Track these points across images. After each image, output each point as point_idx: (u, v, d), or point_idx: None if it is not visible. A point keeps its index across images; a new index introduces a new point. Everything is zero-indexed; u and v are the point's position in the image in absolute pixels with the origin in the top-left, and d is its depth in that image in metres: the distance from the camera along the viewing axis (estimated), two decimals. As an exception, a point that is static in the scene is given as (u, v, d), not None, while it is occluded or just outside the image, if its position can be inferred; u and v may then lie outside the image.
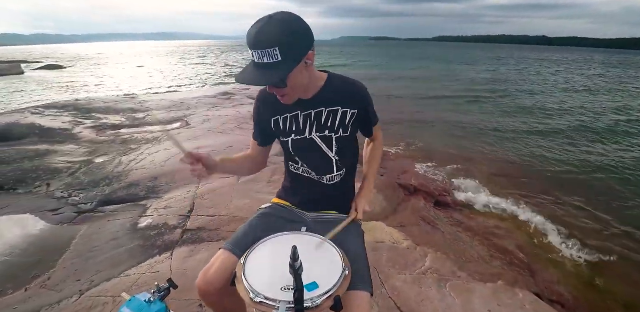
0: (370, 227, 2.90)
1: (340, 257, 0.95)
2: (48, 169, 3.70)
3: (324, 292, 0.83)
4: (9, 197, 3.27)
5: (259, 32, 0.85)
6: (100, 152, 4.18)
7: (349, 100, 1.10)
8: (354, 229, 1.19)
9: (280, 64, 0.87)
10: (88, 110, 5.85)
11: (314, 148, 1.14)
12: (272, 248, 0.99)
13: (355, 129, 1.16)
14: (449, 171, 5.05)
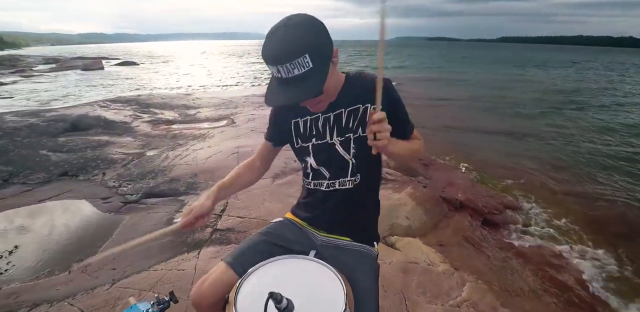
0: (404, 243, 2.70)
1: (344, 293, 0.82)
2: (106, 159, 4.04)
3: None
4: (72, 183, 3.62)
5: (282, 43, 0.76)
6: (151, 145, 4.48)
7: (367, 95, 0.94)
8: (367, 261, 1.06)
9: (313, 71, 0.77)
10: (147, 105, 6.35)
11: (332, 153, 1.02)
12: (272, 273, 0.90)
13: None
14: (503, 186, 4.56)
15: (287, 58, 0.75)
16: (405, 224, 3.03)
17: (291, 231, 1.12)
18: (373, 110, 0.79)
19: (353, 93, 0.96)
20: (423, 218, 3.23)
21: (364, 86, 0.96)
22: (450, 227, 3.25)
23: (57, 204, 3.22)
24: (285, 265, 0.92)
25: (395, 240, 2.79)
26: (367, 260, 1.06)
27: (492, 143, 6.69)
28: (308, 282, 0.87)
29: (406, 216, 3.14)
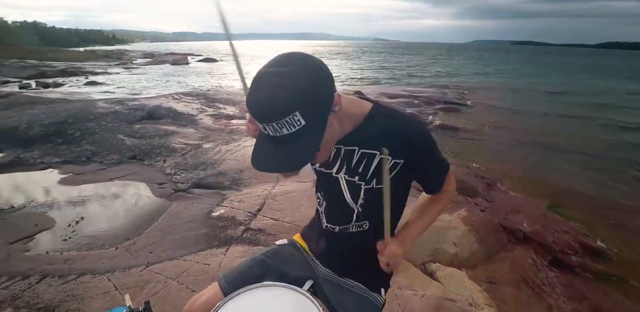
0: (446, 274, 2.38)
1: None
2: (168, 147, 4.38)
3: None
4: (137, 166, 3.98)
5: (268, 99, 0.60)
6: (209, 138, 4.75)
7: (392, 144, 0.75)
8: (367, 309, 0.92)
9: (305, 129, 0.62)
10: (213, 100, 6.80)
11: (336, 190, 0.88)
12: (253, 301, 0.83)
13: (399, 183, 0.83)
14: (585, 221, 3.83)
15: (273, 117, 0.60)
16: (451, 251, 2.69)
17: (293, 256, 1.03)
18: (382, 244, 0.82)
19: (374, 134, 0.79)
20: (474, 247, 2.84)
21: (384, 130, 0.78)
22: (508, 262, 2.81)
23: (123, 184, 3.57)
24: (271, 293, 0.85)
25: (436, 268, 2.49)
26: (368, 309, 0.92)
27: (581, 168, 5.63)
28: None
29: (454, 242, 2.79)
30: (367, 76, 20.02)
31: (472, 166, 5.04)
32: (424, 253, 2.64)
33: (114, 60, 26.00)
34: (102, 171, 3.85)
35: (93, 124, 5.00)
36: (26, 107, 5.94)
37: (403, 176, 0.82)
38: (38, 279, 2.02)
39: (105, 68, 19.44)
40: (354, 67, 26.95)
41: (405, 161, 0.80)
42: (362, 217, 0.90)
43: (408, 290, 2.03)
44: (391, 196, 0.79)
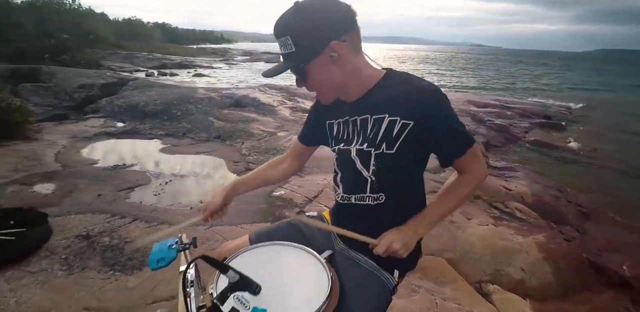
0: (504, 298, 2.14)
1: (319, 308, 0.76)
2: (248, 132, 4.83)
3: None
4: (220, 145, 4.49)
5: (276, 22, 0.78)
6: (284, 128, 5.07)
7: (402, 106, 0.78)
8: (374, 286, 0.91)
9: (294, 54, 0.77)
10: (294, 94, 7.22)
11: (350, 163, 0.90)
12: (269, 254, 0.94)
13: (411, 148, 0.81)
14: None
15: (276, 34, 0.78)
16: (517, 276, 2.39)
17: (316, 230, 1.08)
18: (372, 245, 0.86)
19: (384, 98, 0.81)
20: (549, 278, 2.47)
21: (400, 94, 0.79)
22: (590, 305, 2.37)
23: (206, 157, 4.07)
24: (289, 252, 0.94)
25: (493, 290, 2.25)
26: (376, 285, 0.91)
27: None
28: (297, 277, 0.87)
29: (522, 268, 2.47)
30: (455, 82, 18.76)
31: (566, 190, 4.35)
32: (481, 271, 2.41)
33: (218, 56, 29.49)
34: (192, 145, 4.44)
35: (192, 106, 5.79)
36: (146, 90, 7.16)
37: (413, 141, 0.79)
38: (130, 220, 2.45)
39: (211, 63, 22.16)
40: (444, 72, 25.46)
41: (415, 124, 0.77)
42: (377, 189, 0.89)
43: (452, 303, 1.89)
44: (402, 164, 0.83)
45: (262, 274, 0.81)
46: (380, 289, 0.91)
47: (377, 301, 0.89)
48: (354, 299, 0.85)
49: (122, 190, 3.04)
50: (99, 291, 1.78)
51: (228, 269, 0.74)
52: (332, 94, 0.87)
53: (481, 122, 7.27)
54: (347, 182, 0.95)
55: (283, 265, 0.93)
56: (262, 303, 0.78)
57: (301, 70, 0.80)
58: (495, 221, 3.04)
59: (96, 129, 5.02)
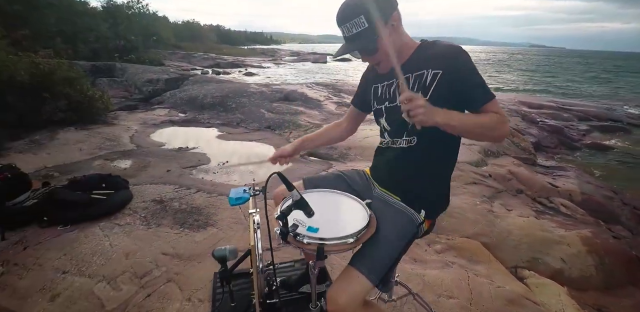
0: (539, 283, 2.17)
1: (360, 230, 0.98)
2: (295, 123, 5.15)
3: (314, 236, 0.95)
4: (269, 134, 4.84)
5: (344, 7, 0.95)
6: (329, 120, 5.30)
7: (434, 61, 0.98)
8: (401, 218, 1.09)
9: (367, 30, 0.94)
10: (339, 90, 7.45)
11: (398, 115, 1.03)
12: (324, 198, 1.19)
13: (442, 94, 0.95)
14: None
15: (347, 19, 0.94)
16: (555, 265, 2.38)
17: (361, 180, 1.29)
18: (401, 87, 0.88)
19: (421, 59, 1.00)
20: (590, 271, 2.43)
21: (431, 53, 0.99)
22: (635, 299, 2.30)
23: (257, 144, 4.44)
24: (337, 198, 1.18)
25: (528, 275, 2.28)
26: (403, 218, 1.09)
27: None
28: (344, 213, 1.11)
29: (562, 258, 2.46)
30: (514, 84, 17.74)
31: (623, 192, 4.07)
32: (518, 257, 2.43)
33: (267, 56, 30.72)
34: (245, 134, 4.85)
35: (245, 99, 6.26)
36: (204, 84, 7.83)
37: (444, 88, 0.95)
38: (195, 191, 2.83)
39: (260, 62, 23.21)
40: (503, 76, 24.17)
41: (443, 72, 0.94)
42: (413, 133, 1.07)
43: (484, 279, 1.97)
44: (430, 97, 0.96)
45: (315, 208, 1.04)
46: (407, 221, 1.10)
47: (404, 229, 1.08)
48: (386, 228, 1.06)
49: (187, 167, 3.47)
50: (172, 241, 2.13)
51: (293, 188, 0.98)
52: (391, 60, 1.00)
53: (533, 123, 6.93)
54: (394, 128, 1.14)
55: (332, 205, 1.17)
56: (315, 225, 1.00)
57: (374, 43, 0.96)
58: (537, 214, 3.00)
59: (162, 118, 5.66)
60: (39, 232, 2.21)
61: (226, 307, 1.55)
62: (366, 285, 0.97)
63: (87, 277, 1.80)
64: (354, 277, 0.99)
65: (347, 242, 0.97)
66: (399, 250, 1.05)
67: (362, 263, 1.00)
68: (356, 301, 0.97)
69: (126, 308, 1.60)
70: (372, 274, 0.98)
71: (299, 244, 0.97)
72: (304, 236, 0.97)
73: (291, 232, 0.99)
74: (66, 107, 4.80)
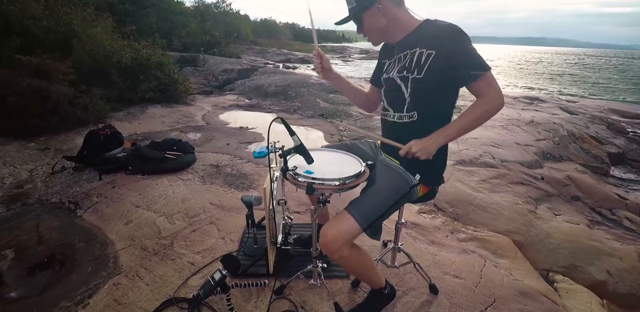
0: (570, 288, 2.06)
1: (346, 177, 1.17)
2: (347, 113, 5.34)
3: (309, 176, 1.17)
4: (322, 121, 5.11)
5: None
6: (380, 113, 5.38)
7: (429, 41, 1.09)
8: (395, 176, 1.23)
9: (354, 8, 1.16)
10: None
11: (394, 87, 1.21)
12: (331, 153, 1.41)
13: (435, 73, 1.08)
14: None
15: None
16: (599, 277, 2.21)
17: (370, 148, 1.46)
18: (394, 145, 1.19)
19: (419, 37, 1.13)
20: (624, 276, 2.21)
21: (429, 32, 1.11)
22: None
23: (309, 129, 4.73)
24: (342, 156, 1.39)
25: (560, 280, 2.16)
26: (398, 177, 1.23)
27: None
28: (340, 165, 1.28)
29: (609, 271, 2.27)
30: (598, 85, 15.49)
31: None
32: (554, 261, 2.31)
33: (337, 54, 31.20)
34: (300, 120, 5.19)
35: (304, 89, 6.64)
36: (271, 75, 8.44)
37: (436, 67, 1.06)
38: (245, 161, 3.21)
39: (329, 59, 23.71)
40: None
41: (437, 53, 1.05)
42: (411, 108, 1.18)
43: (502, 270, 1.94)
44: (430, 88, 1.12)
45: (317, 160, 1.25)
46: (401, 180, 1.23)
47: (397, 187, 1.21)
48: (382, 183, 1.21)
49: (243, 143, 3.91)
50: (219, 196, 2.51)
51: (294, 134, 1.19)
52: (378, 37, 1.24)
53: (620, 133, 6.05)
54: (392, 102, 1.27)
55: (333, 159, 1.36)
56: (312, 170, 1.20)
57: (358, 19, 1.19)
58: (591, 223, 2.76)
59: (230, 102, 6.32)
60: (124, 177, 2.77)
61: (250, 248, 1.84)
62: (354, 226, 1.14)
63: (152, 212, 2.25)
64: (344, 218, 1.16)
65: (332, 184, 1.16)
66: (389, 203, 1.18)
67: (354, 208, 1.18)
68: (343, 238, 1.14)
69: (176, 237, 1.98)
70: (361, 217, 1.14)
71: (295, 181, 1.18)
72: (299, 175, 1.18)
73: (290, 171, 1.21)
74: (156, 88, 5.67)
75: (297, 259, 1.77)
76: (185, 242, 1.94)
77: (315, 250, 1.47)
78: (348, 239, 1.15)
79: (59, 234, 2.07)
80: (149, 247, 1.89)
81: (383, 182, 1.21)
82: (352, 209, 1.17)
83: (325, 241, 1.15)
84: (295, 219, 2.18)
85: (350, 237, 1.15)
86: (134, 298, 1.54)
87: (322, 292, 1.56)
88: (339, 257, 1.16)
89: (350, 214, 1.15)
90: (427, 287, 1.62)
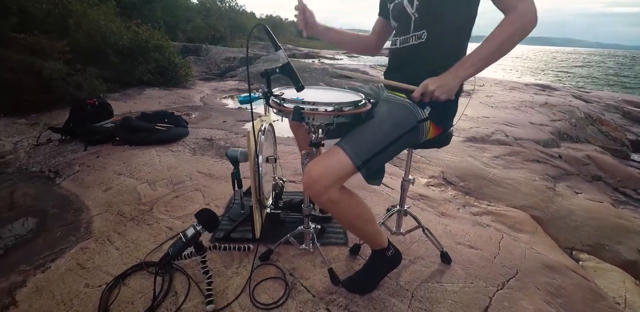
0: (598, 266, 1.83)
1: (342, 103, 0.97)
2: (350, 96, 5.13)
3: (297, 100, 0.98)
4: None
5: None
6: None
7: None
8: (401, 109, 1.02)
9: None
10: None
11: (401, 9, 1.03)
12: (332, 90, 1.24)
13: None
14: None
15: None
16: (628, 256, 1.99)
17: (370, 89, 1.25)
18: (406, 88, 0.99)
19: None
20: None
21: None
22: None
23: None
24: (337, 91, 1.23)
25: (586, 259, 1.93)
26: (402, 109, 1.01)
27: None
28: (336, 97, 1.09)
29: (639, 249, 2.03)
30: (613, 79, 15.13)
31: None
32: (577, 239, 2.08)
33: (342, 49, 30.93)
34: (300, 103, 4.99)
35: (307, 74, 6.45)
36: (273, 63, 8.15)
37: None
38: (241, 136, 3.03)
39: (334, 55, 23.43)
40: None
41: None
42: (420, 25, 0.98)
43: (522, 244, 1.72)
44: None
45: (309, 93, 1.07)
46: (406, 113, 1.01)
47: (400, 119, 1.00)
48: (382, 115, 1.00)
49: (241, 121, 3.71)
50: (209, 165, 2.31)
51: (279, 48, 0.98)
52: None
53: (637, 122, 5.76)
54: (399, 24, 1.08)
55: (328, 92, 1.19)
56: (301, 97, 1.00)
57: None
58: (615, 203, 2.52)
59: (231, 86, 6.14)
60: (111, 148, 2.59)
61: (236, 213, 1.63)
62: (345, 162, 0.92)
63: (134, 179, 2.06)
64: (334, 152, 0.95)
65: (325, 110, 0.94)
66: (389, 138, 0.97)
67: (347, 141, 0.96)
68: (331, 176, 0.92)
69: (157, 202, 1.79)
70: (353, 152, 0.93)
71: (280, 107, 0.98)
72: (285, 100, 0.97)
73: (273, 96, 1.00)
74: (154, 70, 5.49)
75: (290, 226, 1.56)
76: (166, 207, 1.74)
77: (307, 206, 1.26)
78: (337, 178, 0.94)
79: (33, 201, 1.89)
80: (126, 213, 1.70)
81: (383, 114, 1.00)
82: (343, 142, 0.96)
83: (309, 179, 0.93)
84: (290, 188, 1.97)
85: (340, 175, 0.94)
86: (100, 262, 1.34)
87: (315, 259, 1.36)
88: (327, 200, 0.95)
89: (342, 148, 0.94)
90: (437, 256, 1.41)
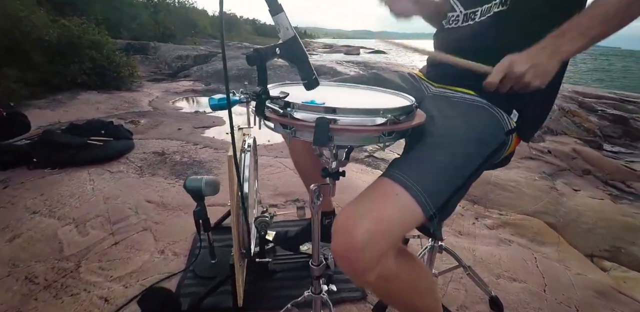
0: (626, 276, 1.65)
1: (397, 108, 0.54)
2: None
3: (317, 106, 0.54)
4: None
5: None
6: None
7: None
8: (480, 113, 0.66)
9: None
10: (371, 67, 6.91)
11: None
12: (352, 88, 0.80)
13: None
14: None
15: None
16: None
17: (405, 81, 0.86)
18: None
19: None
20: None
21: None
22: None
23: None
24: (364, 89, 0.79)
25: (610, 267, 1.73)
26: (485, 116, 0.66)
27: None
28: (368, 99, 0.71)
29: None
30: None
31: None
32: (594, 244, 1.89)
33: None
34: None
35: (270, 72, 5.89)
36: (232, 60, 7.59)
37: None
38: (201, 147, 2.53)
39: (292, 51, 23.02)
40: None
41: None
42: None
43: (556, 263, 1.46)
44: None
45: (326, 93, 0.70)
46: (489, 120, 0.65)
47: (485, 129, 0.63)
48: (451, 127, 0.62)
49: (199, 127, 3.18)
50: (162, 190, 1.81)
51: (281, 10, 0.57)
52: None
53: (591, 111, 6.04)
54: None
55: (354, 92, 0.77)
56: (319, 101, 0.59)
57: None
58: (612, 198, 2.41)
59: (185, 87, 5.47)
60: (25, 173, 1.97)
61: (205, 265, 1.18)
62: (413, 211, 0.53)
63: (55, 219, 1.51)
64: (389, 193, 0.54)
65: (374, 123, 0.53)
66: (474, 162, 0.60)
67: (406, 171, 0.56)
68: (388, 238, 0.52)
69: (86, 255, 1.28)
70: (425, 193, 0.53)
71: (285, 120, 0.56)
72: (295, 107, 0.55)
73: (271, 99, 0.59)
74: (90, 71, 4.69)
75: (283, 277, 1.15)
76: (100, 262, 1.24)
77: (318, 265, 0.83)
78: (397, 239, 0.56)
79: None
80: (39, 276, 1.17)
81: (453, 124, 0.63)
82: (400, 173, 0.56)
83: (351, 247, 0.51)
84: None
85: (402, 233, 0.56)
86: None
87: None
88: (379, 276, 0.54)
89: (402, 184, 0.54)
90: (484, 302, 1.08)
